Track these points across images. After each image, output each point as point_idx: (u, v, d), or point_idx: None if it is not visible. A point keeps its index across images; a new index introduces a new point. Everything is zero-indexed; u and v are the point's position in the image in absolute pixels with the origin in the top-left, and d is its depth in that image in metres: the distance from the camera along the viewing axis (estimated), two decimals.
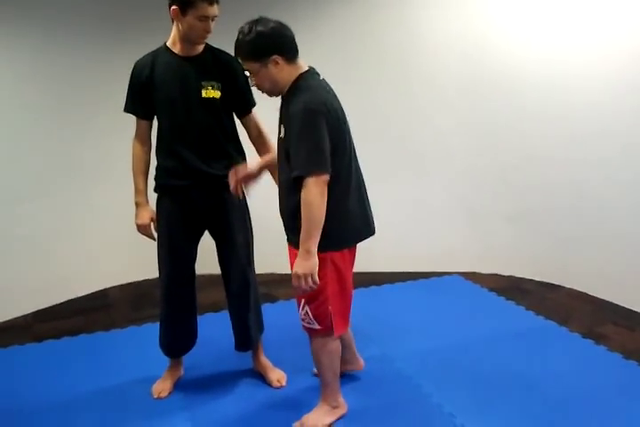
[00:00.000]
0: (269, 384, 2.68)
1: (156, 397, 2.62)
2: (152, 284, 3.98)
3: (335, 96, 2.12)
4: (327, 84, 2.13)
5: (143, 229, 2.57)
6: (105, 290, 4.07)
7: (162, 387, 2.66)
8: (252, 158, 2.56)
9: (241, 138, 2.58)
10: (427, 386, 2.61)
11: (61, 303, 3.86)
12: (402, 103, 3.94)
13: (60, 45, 3.67)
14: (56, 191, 3.82)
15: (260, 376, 2.75)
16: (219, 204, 2.51)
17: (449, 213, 4.06)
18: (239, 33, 2.00)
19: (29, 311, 3.73)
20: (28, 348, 3.22)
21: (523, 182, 3.78)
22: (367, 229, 2.26)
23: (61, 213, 3.85)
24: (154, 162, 2.55)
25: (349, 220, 2.13)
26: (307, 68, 2.08)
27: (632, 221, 3.26)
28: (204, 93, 2.38)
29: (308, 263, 1.98)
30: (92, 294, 4.01)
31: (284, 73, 2.01)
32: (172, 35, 2.40)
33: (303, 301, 2.19)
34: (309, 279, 1.99)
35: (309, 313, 2.18)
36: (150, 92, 2.42)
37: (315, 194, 1.93)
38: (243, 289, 2.63)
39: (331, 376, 2.33)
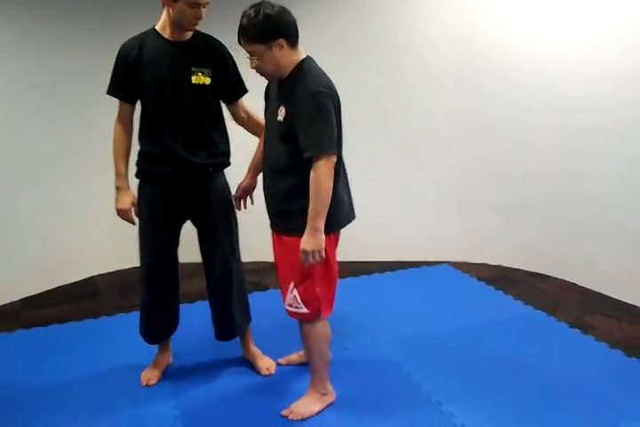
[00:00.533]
0: (258, 372, 2.68)
1: (144, 384, 2.62)
2: (139, 271, 3.96)
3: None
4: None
5: (123, 214, 2.54)
6: (93, 277, 4.04)
7: (150, 375, 2.66)
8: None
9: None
10: (416, 374, 2.62)
11: (49, 291, 3.84)
12: (397, 94, 3.92)
13: (56, 32, 3.65)
14: (45, 179, 3.78)
15: (249, 364, 2.75)
16: (201, 192, 2.49)
17: (441, 203, 4.06)
18: (244, 17, 2.00)
19: (17, 298, 3.71)
20: (16, 335, 3.21)
21: (514, 173, 3.78)
22: (351, 214, 2.30)
23: (50, 200, 3.81)
24: (135, 146, 2.52)
25: (339, 204, 2.16)
26: (305, 56, 2.11)
27: (622, 213, 3.27)
28: (194, 79, 2.35)
29: (317, 240, 2.03)
30: (80, 281, 3.99)
31: (287, 57, 2.04)
32: (162, 19, 2.36)
33: (292, 284, 2.19)
34: (317, 255, 2.04)
35: (297, 297, 2.19)
36: (136, 75, 2.37)
37: (326, 175, 1.99)
38: (224, 276, 2.60)
39: (320, 362, 2.34)
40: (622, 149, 3.20)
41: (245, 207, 2.61)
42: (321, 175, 1.98)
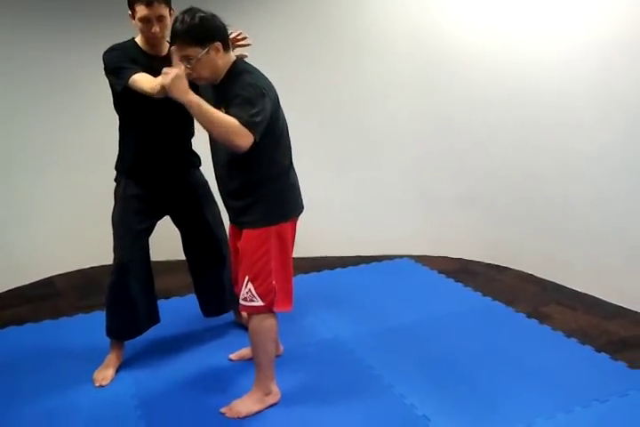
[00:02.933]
0: None
1: (97, 385, 2.59)
2: (99, 271, 3.92)
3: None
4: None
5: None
6: (51, 278, 3.96)
7: (104, 374, 2.63)
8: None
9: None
10: (377, 367, 2.65)
11: (6, 292, 3.75)
12: (356, 89, 3.94)
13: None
14: (2, 177, 3.69)
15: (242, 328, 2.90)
16: (185, 187, 2.68)
17: (401, 198, 4.09)
18: (177, 22, 2.01)
19: None
20: None
21: (473, 168, 3.84)
22: (302, 203, 2.37)
23: (5, 199, 3.73)
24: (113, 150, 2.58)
25: (295, 191, 2.30)
26: (235, 58, 2.16)
27: (579, 206, 3.36)
28: None
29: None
30: (38, 282, 3.91)
31: (222, 60, 2.08)
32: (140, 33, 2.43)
33: (247, 278, 2.22)
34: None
35: (253, 290, 2.21)
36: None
37: (237, 136, 1.97)
38: (215, 248, 2.78)
39: (264, 359, 2.33)
40: (579, 145, 3.27)
41: None
42: (231, 134, 1.96)
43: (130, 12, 2.36)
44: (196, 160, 2.74)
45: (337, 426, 2.25)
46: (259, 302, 2.22)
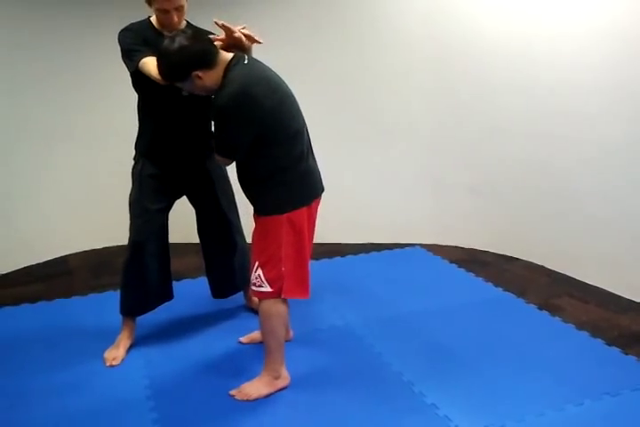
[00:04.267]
0: None
1: (108, 365, 2.61)
2: (113, 251, 3.94)
3: (265, 74, 2.14)
4: (255, 66, 2.15)
5: None
6: (65, 257, 3.99)
7: (114, 354, 2.66)
8: None
9: None
10: (387, 354, 2.66)
11: (20, 270, 3.78)
12: (371, 74, 3.91)
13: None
14: (14, 155, 3.71)
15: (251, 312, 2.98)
16: (201, 170, 2.69)
17: (413, 185, 4.08)
18: (158, 58, 2.11)
19: None
20: None
21: (486, 155, 3.82)
22: (321, 185, 2.36)
23: (20, 177, 3.75)
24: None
25: (308, 178, 2.27)
26: (230, 58, 2.11)
27: (590, 197, 3.33)
28: None
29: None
30: (52, 260, 3.94)
31: (210, 79, 2.08)
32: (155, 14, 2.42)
33: (257, 264, 2.24)
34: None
35: (262, 276, 2.22)
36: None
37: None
38: (226, 234, 2.81)
39: (274, 343, 2.35)
40: (593, 135, 3.24)
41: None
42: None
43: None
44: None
45: (345, 412, 2.26)
46: (267, 288, 2.23)
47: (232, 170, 2.38)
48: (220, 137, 2.13)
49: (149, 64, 2.27)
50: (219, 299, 3.01)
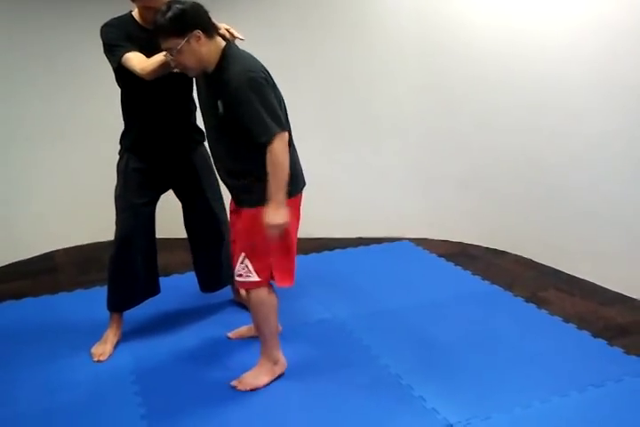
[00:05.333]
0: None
1: (95, 360, 2.60)
2: (100, 247, 3.92)
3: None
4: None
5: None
6: (51, 253, 3.97)
7: (101, 350, 2.65)
8: None
9: None
10: (376, 348, 2.67)
11: (6, 266, 3.76)
12: (360, 67, 3.90)
13: None
14: (0, 151, 3.67)
15: (241, 307, 2.99)
16: (185, 163, 2.69)
17: (402, 179, 4.08)
18: (157, 16, 2.04)
19: None
20: None
21: (475, 150, 3.82)
22: (303, 179, 2.36)
23: (6, 173, 3.71)
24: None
25: (297, 168, 2.27)
26: (223, 42, 2.13)
27: (579, 190, 3.34)
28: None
29: (282, 213, 2.11)
30: (38, 256, 3.92)
31: (206, 48, 2.07)
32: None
33: (243, 255, 2.24)
34: (282, 227, 2.14)
35: (249, 266, 2.23)
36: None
37: (282, 152, 2.08)
38: (213, 227, 2.80)
39: (268, 332, 2.37)
40: (581, 129, 3.25)
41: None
42: (279, 154, 2.06)
43: None
44: (199, 136, 2.72)
45: (334, 404, 2.27)
46: (255, 278, 2.24)
47: None
48: (266, 107, 2.03)
49: (133, 59, 2.27)
50: (206, 293, 3.00)
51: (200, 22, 2.04)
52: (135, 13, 2.44)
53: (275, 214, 2.10)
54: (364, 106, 3.98)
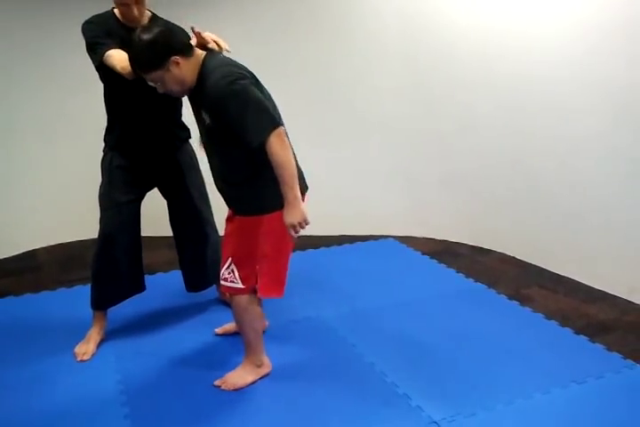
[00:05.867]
0: None
1: (79, 360, 2.58)
2: (83, 245, 3.89)
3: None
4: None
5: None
6: (33, 251, 3.93)
7: (85, 349, 2.63)
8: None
9: None
10: (360, 346, 2.67)
11: None
12: (344, 67, 3.90)
13: None
14: None
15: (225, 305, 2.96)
16: (170, 161, 2.67)
17: (387, 177, 4.09)
18: (131, 48, 2.01)
19: None
20: None
21: (460, 148, 3.84)
22: (304, 184, 2.30)
23: None
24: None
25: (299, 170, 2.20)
26: (203, 54, 2.09)
27: (562, 190, 3.37)
28: None
29: (300, 210, 2.08)
30: (20, 254, 3.88)
31: (187, 67, 2.03)
32: None
33: (230, 260, 2.22)
34: (304, 224, 2.11)
35: (235, 272, 2.21)
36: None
37: (282, 148, 1.99)
38: (197, 225, 2.79)
39: (252, 335, 2.36)
40: (564, 131, 3.27)
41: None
42: (278, 151, 1.99)
43: None
44: (183, 134, 2.71)
45: (320, 402, 2.27)
46: (239, 285, 2.22)
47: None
48: (253, 108, 1.95)
49: (114, 57, 2.25)
50: (192, 292, 2.98)
51: (174, 47, 1.98)
52: (117, 10, 2.42)
53: (291, 214, 2.07)
54: (348, 105, 3.97)
